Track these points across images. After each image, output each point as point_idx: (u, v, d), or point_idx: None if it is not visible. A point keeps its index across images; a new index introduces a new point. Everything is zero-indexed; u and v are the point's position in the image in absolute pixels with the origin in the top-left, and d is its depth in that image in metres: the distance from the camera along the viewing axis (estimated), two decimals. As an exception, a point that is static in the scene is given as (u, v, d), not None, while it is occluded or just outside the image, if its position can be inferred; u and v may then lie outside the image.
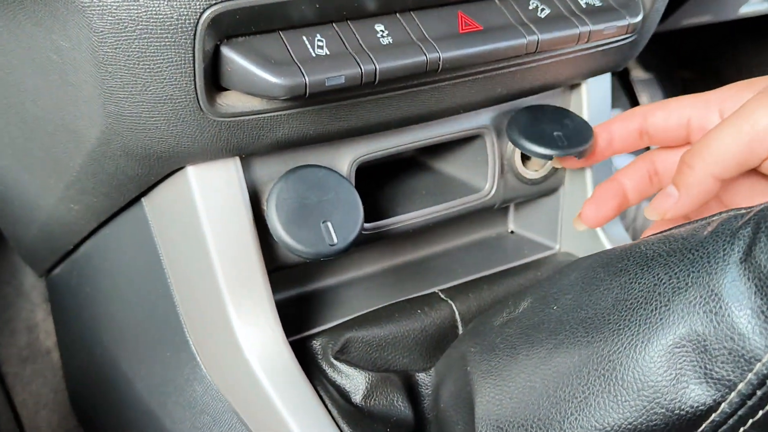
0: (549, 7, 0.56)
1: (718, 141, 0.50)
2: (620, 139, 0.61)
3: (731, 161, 0.50)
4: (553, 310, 0.46)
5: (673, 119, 0.58)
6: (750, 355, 0.35)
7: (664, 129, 0.59)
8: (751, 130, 0.49)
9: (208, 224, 0.53)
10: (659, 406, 0.37)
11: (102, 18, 0.44)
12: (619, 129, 0.61)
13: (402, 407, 0.57)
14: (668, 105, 0.59)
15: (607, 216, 0.61)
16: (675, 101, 0.59)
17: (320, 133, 0.53)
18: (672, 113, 0.58)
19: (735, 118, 0.50)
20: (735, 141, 0.49)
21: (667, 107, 0.59)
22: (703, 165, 0.51)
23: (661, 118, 0.59)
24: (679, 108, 0.58)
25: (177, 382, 0.61)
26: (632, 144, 0.61)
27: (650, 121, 0.59)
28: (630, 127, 0.60)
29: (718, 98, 0.56)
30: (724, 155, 0.50)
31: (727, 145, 0.50)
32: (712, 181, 0.52)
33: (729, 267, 0.36)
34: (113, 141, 0.50)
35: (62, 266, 0.74)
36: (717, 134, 0.51)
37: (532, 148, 0.62)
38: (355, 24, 0.50)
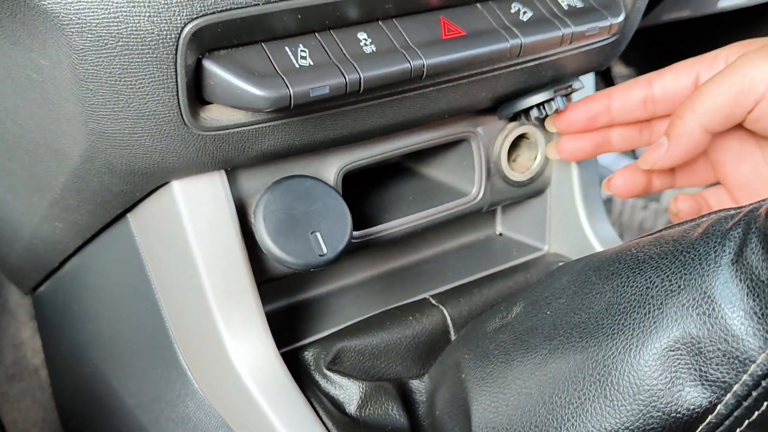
0: (531, 10, 0.56)
1: (706, 93, 0.52)
2: (619, 106, 0.61)
3: (719, 113, 0.52)
4: (546, 314, 0.45)
5: (683, 79, 0.59)
6: (744, 357, 0.35)
7: (673, 90, 0.59)
8: (738, 83, 0.51)
9: (195, 238, 0.53)
10: (655, 410, 0.37)
11: (82, 35, 0.43)
12: (620, 95, 0.61)
13: (397, 415, 0.57)
14: (676, 66, 0.60)
15: (584, 150, 0.62)
16: (681, 63, 0.59)
17: (306, 143, 0.53)
18: (681, 73, 0.59)
19: (725, 73, 0.52)
20: (723, 93, 0.52)
21: (675, 69, 0.60)
22: (692, 116, 0.53)
23: (670, 79, 0.59)
24: (687, 67, 0.59)
25: (168, 398, 0.60)
26: (633, 112, 0.61)
27: (658, 84, 0.60)
28: (633, 94, 0.60)
29: (724, 54, 0.57)
30: (712, 106, 0.52)
31: (715, 96, 0.52)
32: (701, 132, 0.54)
33: (721, 269, 0.36)
34: (96, 158, 0.49)
35: (48, 284, 0.74)
36: (706, 87, 0.53)
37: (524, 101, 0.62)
38: (337, 33, 0.50)
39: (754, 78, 0.51)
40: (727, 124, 0.53)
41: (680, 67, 0.59)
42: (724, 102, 0.52)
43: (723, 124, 0.53)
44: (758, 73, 0.51)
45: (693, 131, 0.54)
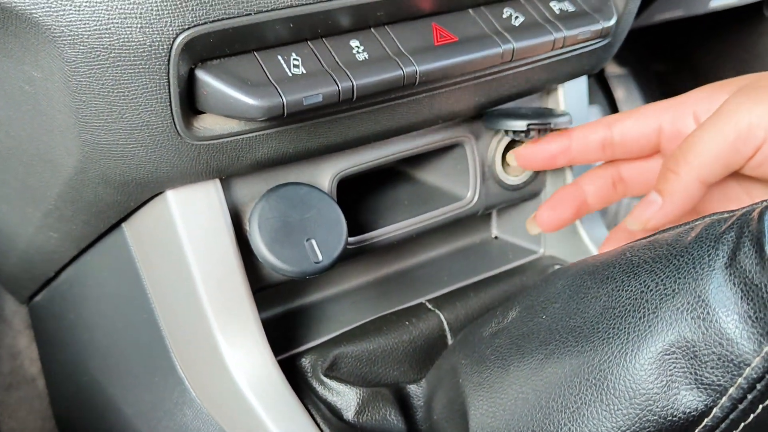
0: (523, 15, 0.56)
1: (701, 143, 0.49)
2: (579, 148, 0.58)
3: (717, 164, 0.49)
4: (542, 319, 0.46)
5: (644, 128, 0.56)
6: (739, 360, 0.35)
7: (634, 138, 0.56)
8: (734, 130, 0.48)
9: (191, 247, 0.53)
10: (651, 414, 0.37)
11: (74, 47, 0.43)
12: (579, 137, 0.58)
13: (395, 421, 0.57)
14: (638, 113, 0.57)
15: (564, 220, 0.60)
16: (644, 108, 0.57)
17: (300, 151, 0.53)
18: (643, 120, 0.56)
19: (716, 120, 0.49)
20: (719, 143, 0.48)
21: (637, 115, 0.57)
22: (689, 169, 0.50)
23: (631, 125, 0.56)
24: (650, 114, 0.56)
25: (166, 406, 0.60)
26: (591, 154, 0.58)
27: (618, 130, 0.57)
28: (591, 137, 0.58)
29: (692, 101, 0.55)
30: (710, 158, 0.49)
31: (712, 147, 0.49)
32: (698, 185, 0.50)
33: (714, 272, 0.36)
34: (90, 169, 0.49)
35: (44, 293, 0.74)
36: (700, 137, 0.49)
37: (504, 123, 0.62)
38: (330, 41, 0.50)
39: (752, 123, 0.48)
40: (725, 173, 0.50)
41: (642, 113, 0.56)
42: (721, 151, 0.49)
43: (721, 174, 0.50)
44: (754, 117, 0.48)
45: (690, 186, 0.50)
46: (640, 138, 0.56)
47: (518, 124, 0.60)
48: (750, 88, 0.50)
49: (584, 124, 0.59)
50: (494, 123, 0.63)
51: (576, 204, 0.59)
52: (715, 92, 0.53)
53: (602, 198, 0.60)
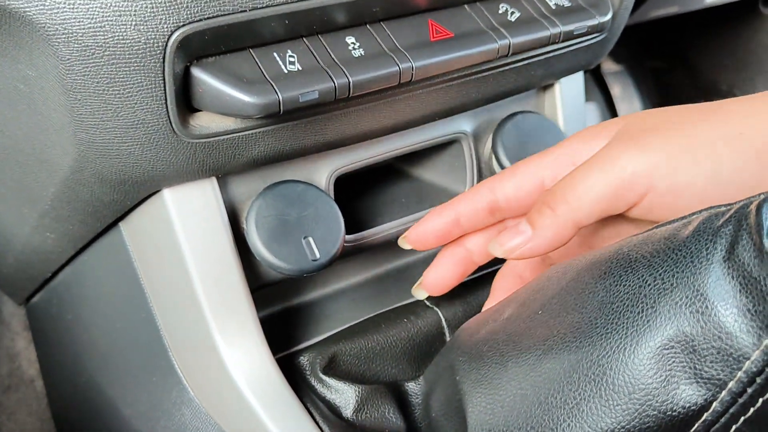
0: (519, 10, 0.56)
1: (584, 186, 0.47)
2: (468, 219, 0.56)
3: (596, 208, 0.47)
4: (539, 315, 0.45)
5: (526, 185, 0.53)
6: (738, 354, 0.35)
7: (517, 198, 0.54)
8: (618, 176, 0.46)
9: (188, 246, 0.53)
10: (651, 409, 0.37)
11: (68, 45, 0.43)
12: (466, 207, 0.56)
13: (393, 418, 0.57)
14: (517, 171, 0.54)
15: (452, 281, 0.57)
16: (523, 166, 0.54)
17: (296, 148, 0.53)
18: (524, 179, 0.53)
19: (600, 163, 0.46)
20: (602, 188, 0.46)
21: (516, 174, 0.54)
22: (567, 209, 0.47)
23: (512, 187, 0.54)
24: (530, 173, 0.53)
25: (165, 406, 0.60)
26: (483, 221, 0.56)
27: (501, 193, 0.54)
28: (478, 205, 0.55)
29: (569, 152, 0.52)
30: (590, 202, 0.47)
31: (594, 192, 0.46)
32: (572, 226, 0.48)
33: (713, 266, 0.36)
34: (86, 168, 0.49)
35: (41, 294, 0.73)
36: (582, 179, 0.47)
37: None
38: (325, 37, 0.50)
39: (635, 172, 0.45)
40: (602, 217, 0.48)
41: (522, 172, 0.54)
42: (603, 197, 0.46)
43: (598, 218, 0.48)
44: (638, 165, 0.45)
45: (564, 226, 0.48)
46: (523, 198, 0.54)
47: None
48: (630, 133, 0.47)
49: (465, 192, 0.57)
50: None
51: (463, 265, 0.57)
52: (591, 139, 0.51)
53: (488, 254, 0.57)
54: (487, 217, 0.55)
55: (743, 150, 0.45)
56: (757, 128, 0.45)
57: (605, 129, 0.50)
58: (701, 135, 0.45)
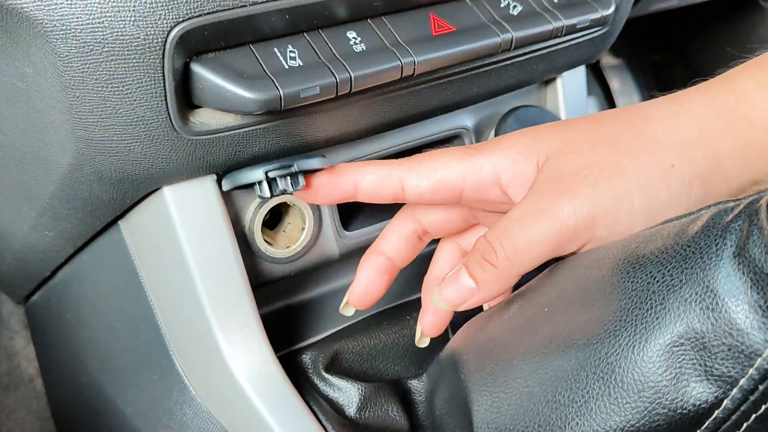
0: (521, 4, 0.55)
1: (524, 241, 0.45)
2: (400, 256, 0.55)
3: (538, 258, 0.46)
4: (545, 312, 0.45)
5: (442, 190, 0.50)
6: (750, 351, 0.34)
7: (430, 198, 0.51)
8: (558, 231, 0.44)
9: (188, 244, 0.52)
10: (661, 407, 0.37)
11: (66, 42, 0.42)
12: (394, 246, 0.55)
13: (397, 416, 0.57)
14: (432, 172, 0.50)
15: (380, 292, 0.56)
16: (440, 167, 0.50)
17: (297, 144, 0.52)
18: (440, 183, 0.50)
19: (537, 216, 0.45)
20: (543, 241, 0.45)
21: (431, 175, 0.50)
22: (509, 266, 0.46)
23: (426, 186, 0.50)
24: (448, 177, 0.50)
25: (166, 405, 0.59)
26: (414, 251, 0.56)
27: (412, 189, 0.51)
28: (406, 232, 0.55)
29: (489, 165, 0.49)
30: (533, 258, 0.46)
31: (536, 245, 0.45)
32: (516, 275, 0.47)
33: (723, 262, 0.36)
34: (85, 166, 0.48)
35: (40, 293, 0.73)
36: (522, 233, 0.45)
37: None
38: (326, 32, 0.49)
39: (578, 225, 0.44)
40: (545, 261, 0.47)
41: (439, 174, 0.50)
42: (546, 252, 0.45)
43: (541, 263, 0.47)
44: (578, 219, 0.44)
45: (508, 278, 0.47)
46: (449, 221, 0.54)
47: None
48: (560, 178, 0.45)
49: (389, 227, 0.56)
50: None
51: (387, 274, 0.56)
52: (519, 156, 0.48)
53: (411, 257, 0.57)
54: (417, 244, 0.55)
55: (677, 183, 0.44)
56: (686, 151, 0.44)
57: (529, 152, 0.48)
58: (634, 178, 0.44)
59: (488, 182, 0.49)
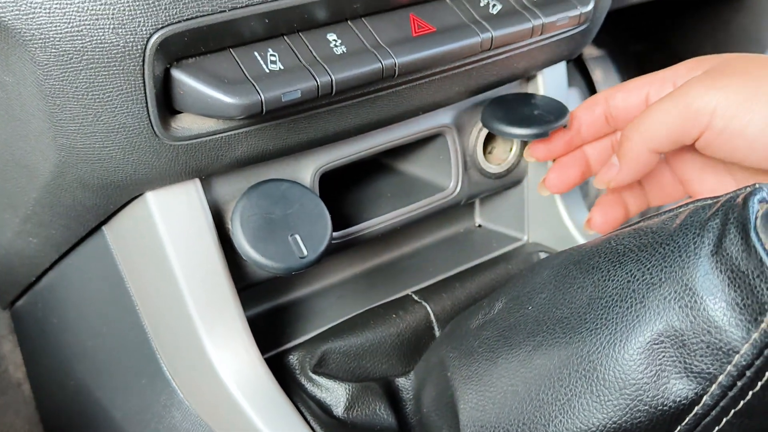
0: (500, 2, 0.56)
1: (652, 116, 0.53)
2: (587, 127, 0.62)
3: (664, 137, 0.53)
4: (528, 310, 0.45)
5: (633, 98, 0.60)
6: (728, 348, 0.35)
7: (625, 109, 0.60)
8: (684, 110, 0.51)
9: (173, 249, 0.52)
10: (642, 404, 0.37)
11: (45, 51, 0.42)
12: (586, 116, 0.62)
13: (385, 415, 0.57)
14: (627, 86, 0.60)
15: (571, 182, 0.63)
16: (633, 82, 0.60)
17: (280, 147, 0.53)
18: (631, 93, 0.60)
19: (672, 97, 0.52)
20: (668, 118, 0.52)
21: (626, 88, 0.60)
22: (639, 138, 0.54)
23: (621, 99, 0.60)
24: (638, 87, 0.60)
25: (155, 409, 0.60)
26: (600, 130, 0.62)
27: (612, 104, 0.61)
28: (596, 113, 0.62)
29: (672, 75, 0.58)
30: (658, 130, 0.53)
31: (661, 121, 0.52)
32: (648, 153, 0.54)
33: (701, 260, 0.36)
34: (67, 173, 0.48)
35: (26, 298, 0.73)
36: (653, 110, 0.53)
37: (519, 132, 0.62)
38: (306, 35, 0.49)
39: (699, 108, 0.51)
40: (673, 147, 0.54)
41: (630, 86, 0.60)
42: (669, 127, 0.52)
43: (670, 147, 0.54)
44: (702, 102, 0.51)
45: (640, 153, 0.55)
46: (630, 109, 0.60)
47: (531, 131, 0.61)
48: (714, 71, 0.52)
49: (582, 103, 0.63)
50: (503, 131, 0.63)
51: (581, 168, 0.63)
52: (692, 69, 0.56)
53: (603, 162, 0.63)
54: (604, 125, 0.62)
55: None
56: None
57: (708, 61, 0.56)
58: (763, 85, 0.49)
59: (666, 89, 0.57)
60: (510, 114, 0.63)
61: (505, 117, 0.63)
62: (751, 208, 0.35)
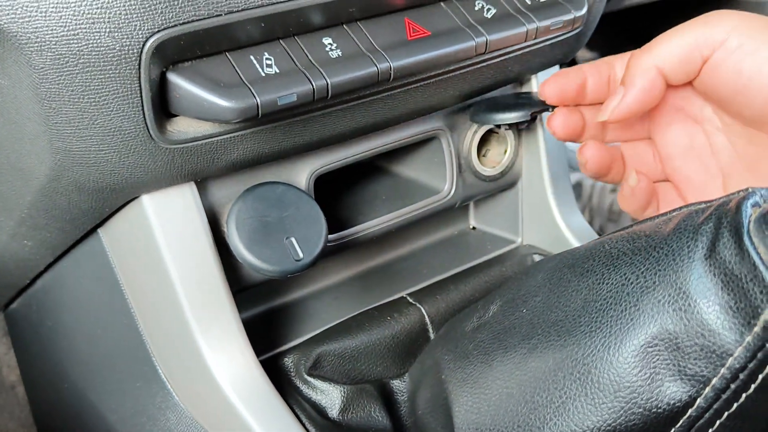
0: (495, 6, 0.56)
1: (666, 36, 0.53)
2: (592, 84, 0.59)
3: (675, 54, 0.52)
4: (523, 313, 0.46)
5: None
6: (721, 350, 0.35)
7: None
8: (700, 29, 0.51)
9: (168, 252, 0.52)
10: (636, 406, 0.37)
11: (41, 54, 0.42)
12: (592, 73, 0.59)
13: (380, 417, 0.57)
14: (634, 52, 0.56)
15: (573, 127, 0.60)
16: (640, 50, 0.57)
17: (275, 151, 0.53)
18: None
19: (687, 22, 0.53)
20: (683, 37, 0.52)
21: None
22: (648, 56, 0.53)
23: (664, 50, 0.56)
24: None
25: (149, 412, 0.60)
26: (602, 91, 0.60)
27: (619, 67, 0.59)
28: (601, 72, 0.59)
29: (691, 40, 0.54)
30: (670, 48, 0.52)
31: (675, 39, 0.52)
32: (656, 74, 0.53)
33: (694, 264, 0.36)
34: (63, 177, 0.48)
35: (20, 300, 0.72)
36: (667, 32, 0.53)
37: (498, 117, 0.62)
38: (302, 39, 0.49)
39: (715, 26, 0.51)
40: (682, 71, 0.53)
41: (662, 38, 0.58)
42: (682, 46, 0.52)
43: (679, 70, 0.53)
44: (720, 18, 0.51)
45: (649, 72, 0.53)
46: None
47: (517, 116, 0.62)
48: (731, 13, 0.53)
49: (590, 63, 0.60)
50: (486, 120, 0.63)
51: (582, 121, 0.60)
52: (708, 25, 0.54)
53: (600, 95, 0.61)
54: (605, 87, 0.59)
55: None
56: None
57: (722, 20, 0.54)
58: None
59: None
60: (495, 106, 0.64)
61: (491, 108, 0.64)
62: (744, 212, 0.35)
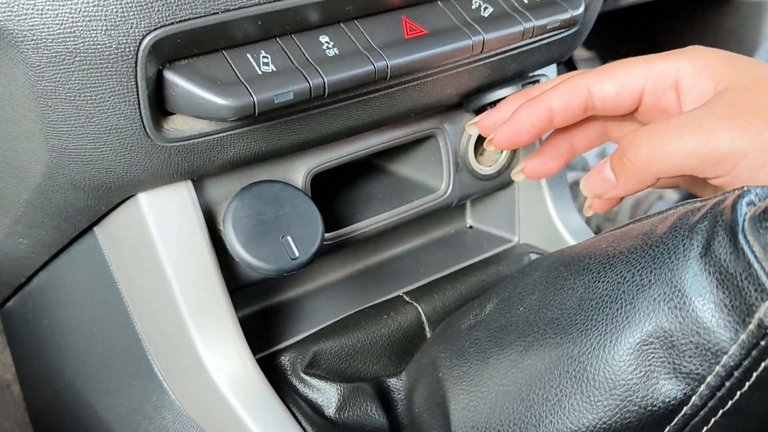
0: (492, 5, 0.56)
1: (670, 150, 0.47)
2: (561, 116, 0.55)
3: (676, 171, 0.47)
4: (519, 311, 0.46)
5: (626, 92, 0.53)
6: (716, 348, 0.35)
7: (615, 101, 0.53)
8: (710, 152, 0.45)
9: (165, 250, 0.52)
10: (632, 404, 0.38)
11: (37, 52, 0.42)
12: (560, 104, 0.54)
13: (376, 415, 0.57)
14: (617, 75, 0.53)
15: (553, 169, 0.59)
16: (623, 71, 0.53)
17: (272, 149, 0.53)
18: (624, 84, 0.53)
19: (695, 131, 0.46)
20: (690, 156, 0.46)
21: (616, 78, 0.53)
22: (648, 170, 0.48)
23: (612, 90, 0.53)
24: (631, 80, 0.52)
25: (145, 410, 0.60)
26: (574, 119, 0.55)
27: (599, 94, 0.53)
28: (573, 102, 0.54)
29: (674, 70, 0.51)
30: (673, 165, 0.47)
31: (680, 158, 0.47)
32: (652, 179, 0.49)
33: (690, 262, 0.37)
34: (59, 175, 0.48)
35: (16, 299, 0.72)
36: (672, 143, 0.47)
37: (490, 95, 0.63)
38: (299, 37, 0.49)
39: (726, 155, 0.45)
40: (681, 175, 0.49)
41: (622, 77, 0.53)
42: (687, 165, 0.47)
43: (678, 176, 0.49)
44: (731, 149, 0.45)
45: (645, 181, 0.49)
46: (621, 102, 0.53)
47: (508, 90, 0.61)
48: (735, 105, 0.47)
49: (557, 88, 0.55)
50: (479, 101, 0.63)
51: (565, 157, 0.59)
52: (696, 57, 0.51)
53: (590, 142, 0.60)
54: (580, 114, 0.55)
55: None
56: None
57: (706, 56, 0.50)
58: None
59: (667, 86, 0.52)
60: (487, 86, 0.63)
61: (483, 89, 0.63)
62: (739, 210, 0.36)
